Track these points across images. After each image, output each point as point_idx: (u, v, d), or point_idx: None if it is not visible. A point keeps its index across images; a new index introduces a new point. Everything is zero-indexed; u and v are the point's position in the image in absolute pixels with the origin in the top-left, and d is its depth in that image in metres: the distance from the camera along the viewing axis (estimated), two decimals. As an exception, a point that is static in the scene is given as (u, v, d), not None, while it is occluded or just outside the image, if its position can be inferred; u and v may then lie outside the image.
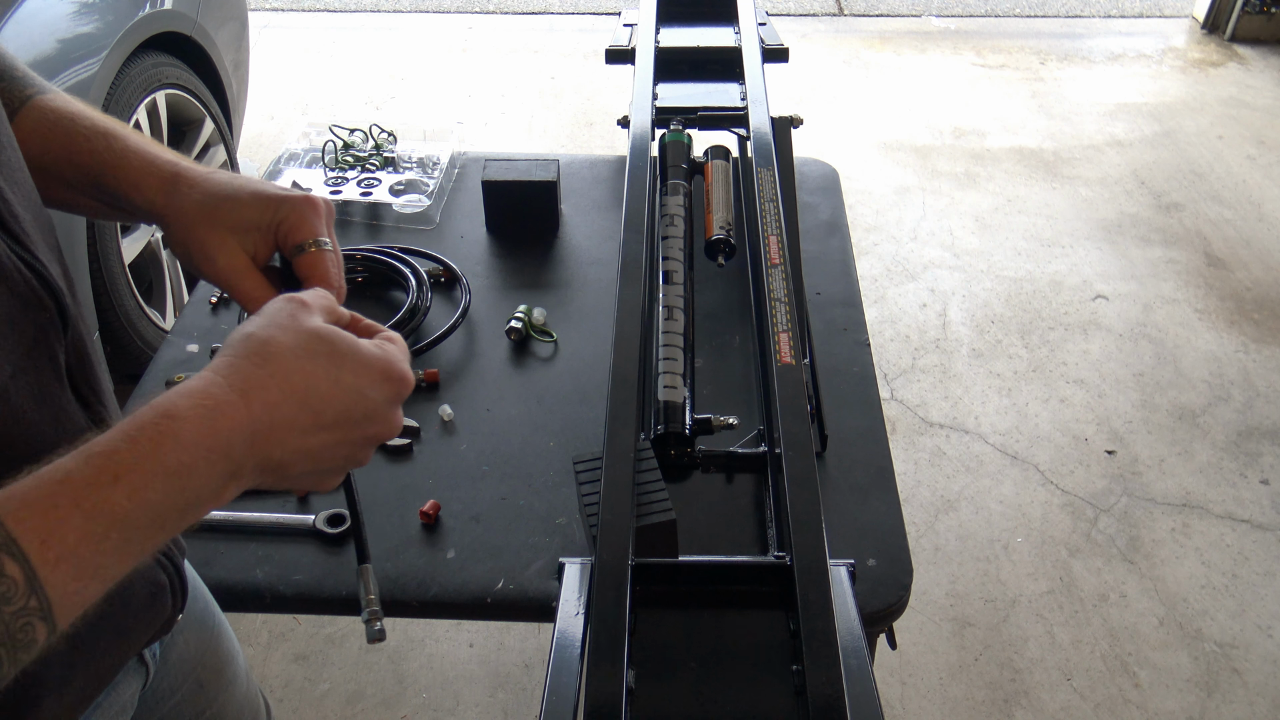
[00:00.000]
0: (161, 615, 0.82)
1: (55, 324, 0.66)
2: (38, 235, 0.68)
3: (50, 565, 0.49)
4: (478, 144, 3.87)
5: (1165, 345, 2.92)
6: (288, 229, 0.74)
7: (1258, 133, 3.95)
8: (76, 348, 0.70)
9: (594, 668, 0.82)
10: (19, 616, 0.48)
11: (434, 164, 1.81)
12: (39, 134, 0.75)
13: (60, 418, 0.67)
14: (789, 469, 0.98)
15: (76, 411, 0.69)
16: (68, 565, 0.49)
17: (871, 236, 3.34)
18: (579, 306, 1.54)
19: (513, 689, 2.05)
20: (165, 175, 0.75)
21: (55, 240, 0.72)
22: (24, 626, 0.48)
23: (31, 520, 0.49)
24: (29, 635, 0.49)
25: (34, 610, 0.48)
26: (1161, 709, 2.03)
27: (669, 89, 1.65)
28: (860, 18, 4.96)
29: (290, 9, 4.98)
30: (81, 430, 0.69)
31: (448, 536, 1.19)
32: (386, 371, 0.63)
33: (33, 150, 0.75)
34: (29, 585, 0.48)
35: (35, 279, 0.65)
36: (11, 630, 0.48)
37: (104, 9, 2.30)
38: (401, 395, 0.65)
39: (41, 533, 0.49)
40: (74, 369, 0.69)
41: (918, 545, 2.32)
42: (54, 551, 0.49)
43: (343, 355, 0.61)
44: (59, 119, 0.76)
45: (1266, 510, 2.44)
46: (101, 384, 0.74)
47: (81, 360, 0.71)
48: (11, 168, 0.68)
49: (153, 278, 2.64)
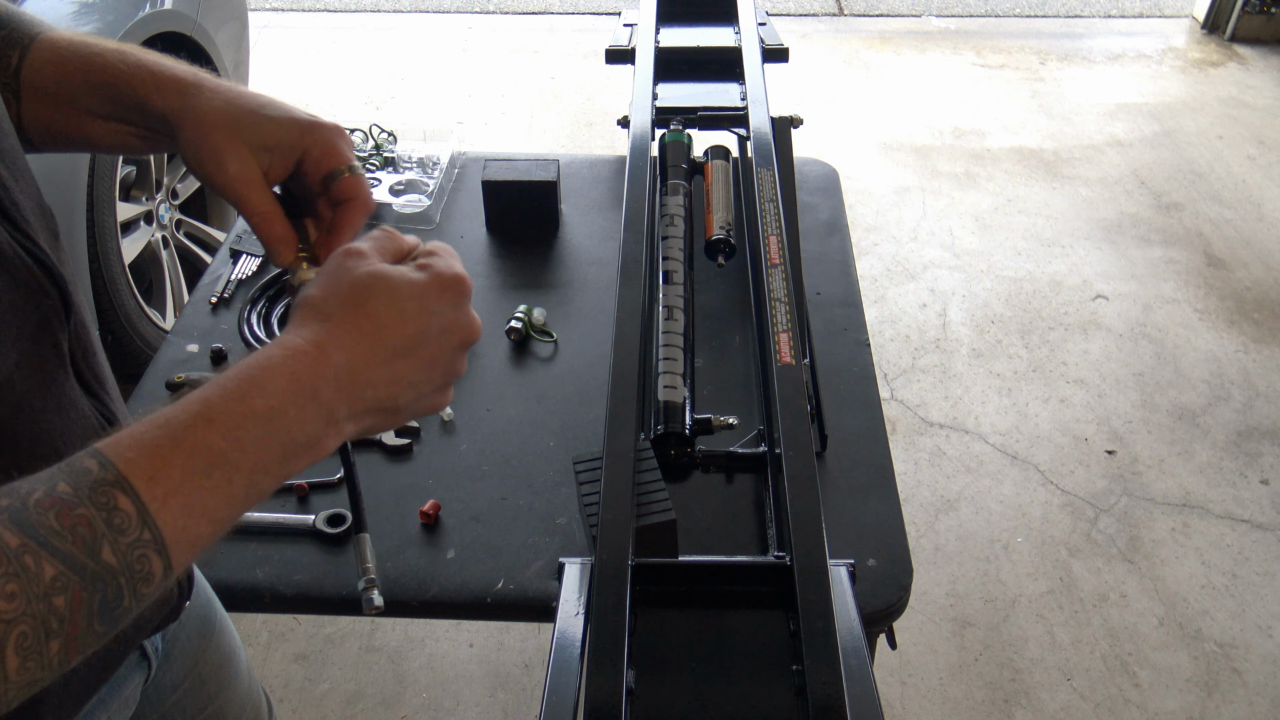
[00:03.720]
0: (168, 604, 0.83)
1: (59, 311, 0.67)
2: (38, 224, 0.68)
3: (159, 501, 0.52)
4: (478, 144, 3.87)
5: (1165, 345, 2.92)
6: (319, 154, 0.73)
7: (1258, 133, 3.95)
8: (79, 335, 0.70)
9: (594, 668, 0.82)
10: (135, 548, 0.51)
11: (434, 164, 1.81)
12: (54, 64, 0.75)
13: (64, 405, 0.68)
14: (789, 469, 0.98)
15: (80, 398, 0.70)
16: (176, 501, 0.53)
17: (871, 236, 3.34)
18: (579, 306, 1.54)
19: (513, 689, 2.05)
20: (186, 79, 0.74)
21: (56, 228, 0.72)
22: (140, 558, 0.52)
23: (139, 460, 0.52)
24: (145, 567, 0.52)
25: (148, 543, 0.52)
26: (1161, 709, 2.03)
27: (669, 89, 1.65)
28: (860, 18, 4.96)
29: (290, 9, 4.98)
30: (86, 417, 0.70)
31: (448, 536, 1.19)
32: (440, 283, 0.64)
33: (50, 81, 0.74)
34: (141, 518, 0.51)
35: (38, 266, 0.65)
36: (129, 561, 0.51)
37: (104, 9, 2.30)
38: (465, 296, 0.66)
39: (148, 471, 0.52)
40: (77, 356, 0.70)
41: (918, 545, 2.32)
42: (161, 488, 0.52)
43: (395, 287, 0.63)
44: (71, 45, 0.76)
45: (1266, 510, 2.44)
46: (104, 371, 0.74)
47: (84, 348, 0.71)
48: (12, 156, 0.68)
49: (153, 278, 2.64)
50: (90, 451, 0.52)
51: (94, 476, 0.51)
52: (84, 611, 0.50)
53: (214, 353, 1.44)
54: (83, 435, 0.69)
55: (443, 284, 0.64)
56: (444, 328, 0.64)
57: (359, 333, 0.61)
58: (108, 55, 0.75)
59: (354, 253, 0.65)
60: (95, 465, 0.52)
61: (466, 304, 0.66)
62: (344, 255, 0.65)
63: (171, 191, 2.66)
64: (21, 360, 0.63)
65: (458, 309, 0.65)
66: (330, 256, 0.65)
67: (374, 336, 0.61)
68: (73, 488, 0.51)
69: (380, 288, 0.62)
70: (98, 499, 0.51)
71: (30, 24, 0.77)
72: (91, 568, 0.50)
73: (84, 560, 0.50)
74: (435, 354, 0.64)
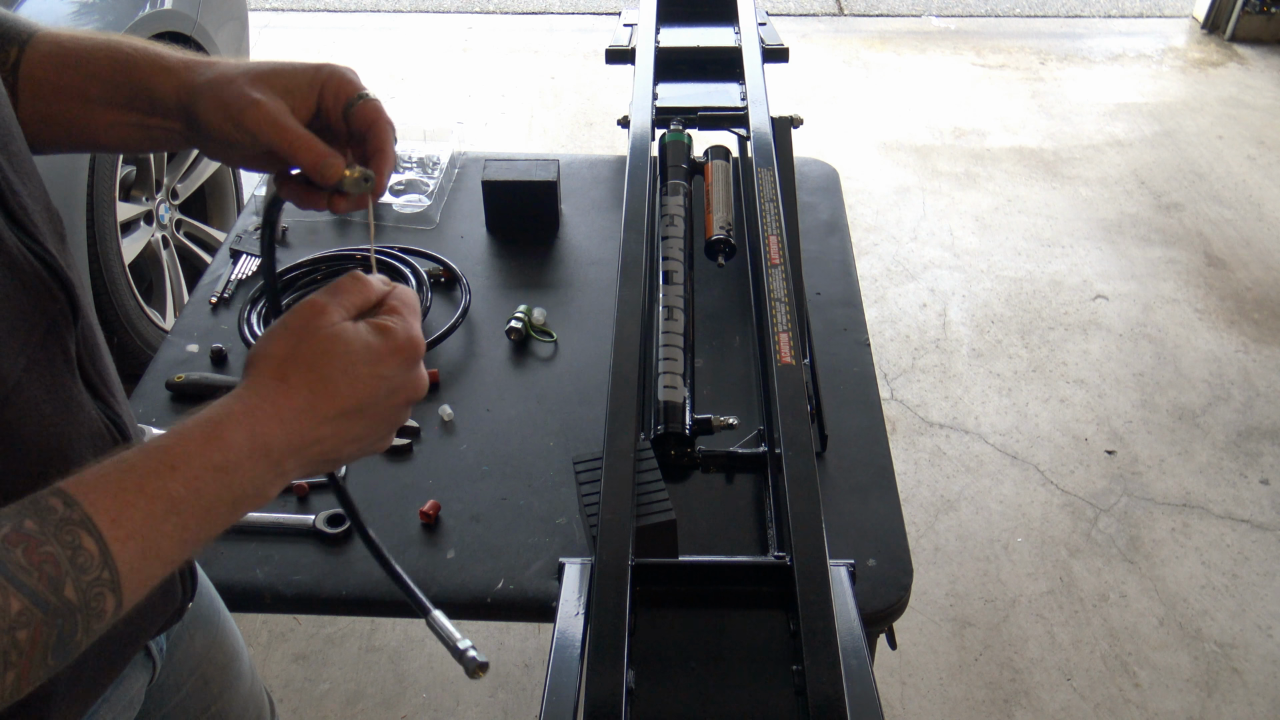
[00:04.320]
0: (172, 603, 0.84)
1: (66, 314, 0.68)
2: (46, 227, 0.69)
3: (120, 542, 0.54)
4: (478, 144, 3.87)
5: (1165, 345, 2.92)
6: (335, 86, 0.74)
7: (1258, 133, 3.95)
8: (86, 338, 0.71)
9: (594, 668, 0.82)
10: (94, 586, 0.53)
11: (434, 164, 1.81)
12: (55, 56, 0.75)
13: (72, 408, 0.68)
14: (789, 469, 0.98)
15: (88, 401, 0.71)
16: (135, 544, 0.55)
17: (871, 236, 3.34)
18: (579, 306, 1.54)
19: (513, 689, 2.05)
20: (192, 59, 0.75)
21: (63, 231, 0.72)
22: (97, 595, 0.54)
23: (103, 502, 0.54)
24: (100, 605, 0.54)
25: (106, 582, 0.54)
26: (1161, 709, 2.03)
27: (669, 89, 1.65)
28: (860, 18, 4.96)
29: (290, 9, 4.98)
30: (93, 421, 0.71)
31: (448, 536, 1.20)
32: (394, 348, 0.67)
33: (51, 73, 0.75)
34: (102, 558, 0.53)
35: (45, 270, 0.66)
36: (88, 598, 0.53)
37: (104, 9, 2.30)
38: (417, 360, 0.69)
39: (112, 513, 0.54)
40: (84, 359, 0.70)
41: (918, 545, 2.32)
42: (123, 530, 0.54)
43: (351, 351, 0.65)
44: (74, 37, 0.76)
45: (1266, 510, 2.44)
46: (110, 373, 0.75)
47: (91, 350, 0.72)
48: (20, 159, 0.68)
49: (153, 278, 2.64)
50: (54, 490, 0.54)
51: (59, 515, 0.53)
52: (41, 646, 0.52)
53: (214, 353, 1.44)
54: (90, 438, 0.70)
55: (397, 349, 0.67)
56: (392, 390, 0.67)
57: (313, 396, 0.64)
58: (111, 43, 0.76)
59: (319, 309, 0.66)
60: (60, 504, 0.53)
61: (418, 366, 0.69)
62: (310, 310, 0.66)
63: (171, 191, 2.66)
64: (30, 364, 0.64)
65: (408, 372, 0.68)
66: (295, 308, 0.67)
67: (327, 400, 0.64)
68: (39, 525, 0.52)
69: (338, 352, 0.65)
70: (63, 537, 0.52)
71: (26, 23, 0.77)
72: (54, 604, 0.52)
73: (48, 596, 0.51)
74: (382, 413, 0.67)
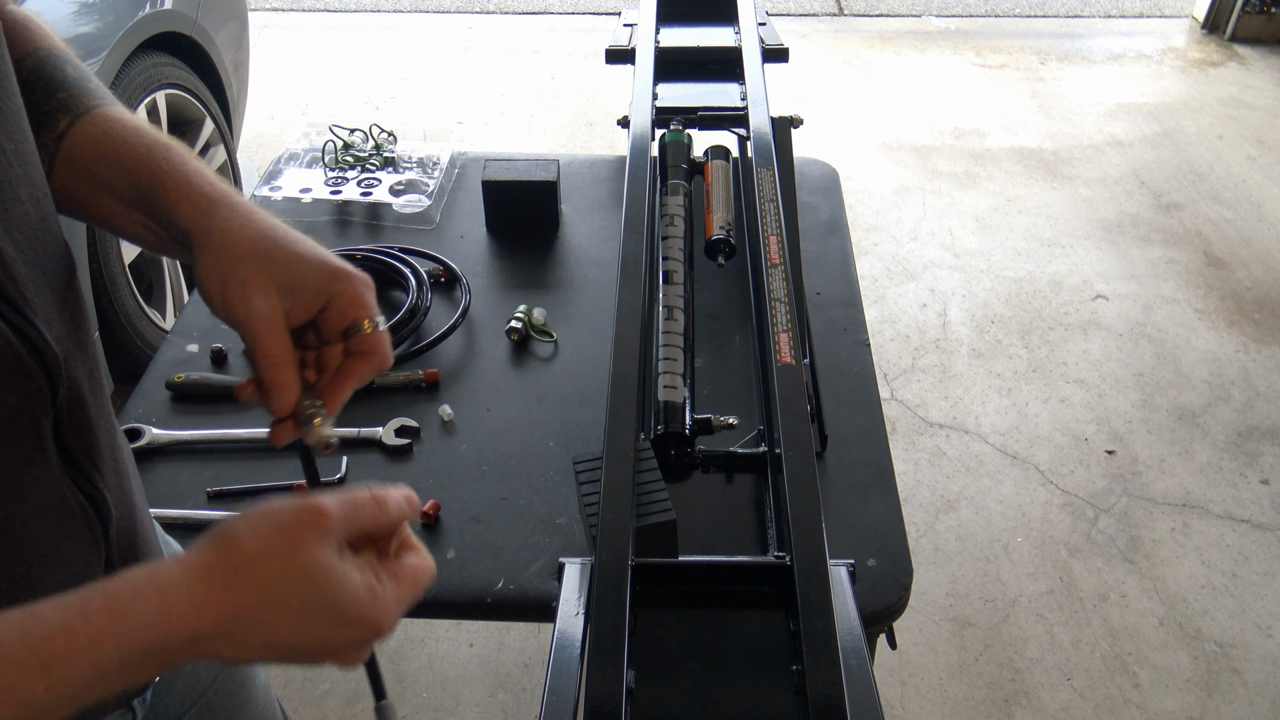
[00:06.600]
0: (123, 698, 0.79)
1: (42, 393, 0.62)
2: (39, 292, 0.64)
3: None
4: (478, 144, 3.87)
5: (1165, 345, 2.92)
6: (344, 304, 0.70)
7: (1258, 133, 3.95)
8: (72, 411, 0.66)
9: (594, 668, 0.82)
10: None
11: (434, 164, 1.81)
12: (96, 141, 0.72)
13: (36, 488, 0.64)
14: (789, 469, 0.98)
15: (60, 481, 0.66)
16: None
17: (871, 236, 3.34)
18: (579, 306, 1.54)
19: (513, 689, 2.05)
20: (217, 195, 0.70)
21: (64, 285, 0.68)
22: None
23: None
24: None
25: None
26: (1161, 709, 2.03)
27: (669, 89, 1.65)
28: (860, 18, 4.96)
29: (290, 9, 4.98)
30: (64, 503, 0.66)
31: (448, 536, 1.19)
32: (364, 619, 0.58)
33: (89, 156, 0.72)
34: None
35: (24, 345, 0.61)
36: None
37: (104, 9, 2.30)
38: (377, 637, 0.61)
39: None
40: (67, 435, 0.66)
41: (918, 545, 2.32)
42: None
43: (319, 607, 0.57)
44: (122, 128, 0.73)
45: (1266, 510, 2.44)
46: (99, 447, 0.70)
47: (77, 425, 0.67)
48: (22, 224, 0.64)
49: (153, 278, 2.64)
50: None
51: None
52: None
53: (214, 353, 1.44)
54: (57, 520, 0.66)
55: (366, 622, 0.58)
56: (332, 651, 0.59)
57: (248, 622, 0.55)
58: (154, 150, 0.72)
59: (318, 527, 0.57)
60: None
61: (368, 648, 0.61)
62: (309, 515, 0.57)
63: (171, 191, 2.66)
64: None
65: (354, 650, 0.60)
66: (295, 508, 0.58)
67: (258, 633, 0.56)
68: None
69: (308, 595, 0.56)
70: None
71: (93, 95, 0.74)
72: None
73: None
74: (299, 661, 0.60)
